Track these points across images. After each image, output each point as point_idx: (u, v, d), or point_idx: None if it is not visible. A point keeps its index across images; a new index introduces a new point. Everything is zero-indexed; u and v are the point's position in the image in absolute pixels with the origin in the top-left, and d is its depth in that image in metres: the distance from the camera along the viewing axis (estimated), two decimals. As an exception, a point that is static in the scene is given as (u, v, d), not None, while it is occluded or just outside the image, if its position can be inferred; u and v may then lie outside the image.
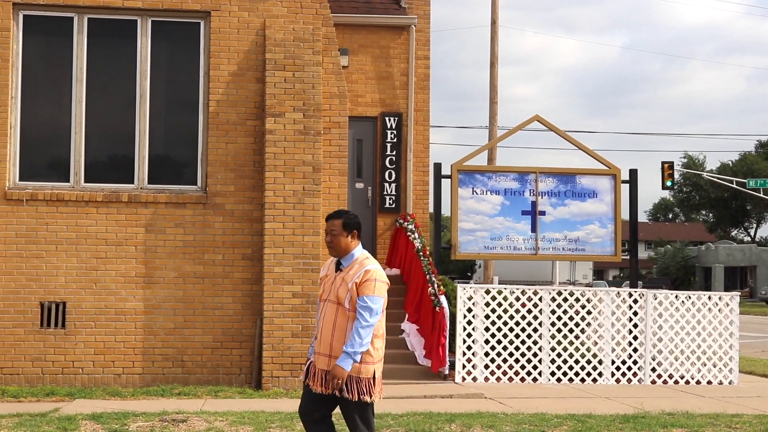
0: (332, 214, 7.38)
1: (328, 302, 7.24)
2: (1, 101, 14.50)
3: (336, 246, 7.26)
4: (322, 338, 7.18)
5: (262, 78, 14.95)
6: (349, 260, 7.25)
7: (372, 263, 7.20)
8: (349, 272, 7.16)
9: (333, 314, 7.15)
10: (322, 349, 7.18)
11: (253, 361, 14.74)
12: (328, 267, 7.44)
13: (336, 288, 7.18)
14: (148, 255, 14.66)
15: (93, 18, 14.85)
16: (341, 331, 7.09)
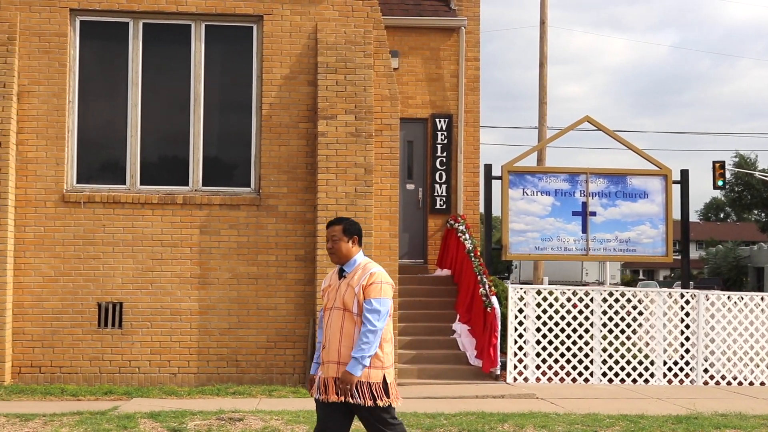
0: (332, 221, 7.33)
1: (333, 310, 7.10)
2: (60, 105, 14.78)
3: (337, 251, 7.17)
4: (330, 346, 7.03)
5: (314, 81, 15.10)
6: (352, 266, 7.17)
7: (376, 266, 7.15)
8: (354, 277, 7.08)
9: (339, 321, 7.01)
10: (330, 357, 7.02)
11: (306, 360, 14.89)
12: (331, 277, 7.33)
13: (341, 294, 7.06)
14: (203, 256, 14.87)
15: (148, 23, 15.09)
16: (349, 337, 6.96)
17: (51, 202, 14.73)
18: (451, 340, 16.76)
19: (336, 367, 6.95)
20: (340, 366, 6.93)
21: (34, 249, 14.68)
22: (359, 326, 6.92)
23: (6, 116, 14.42)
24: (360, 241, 7.25)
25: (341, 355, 6.95)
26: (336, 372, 6.93)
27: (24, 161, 14.68)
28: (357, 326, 6.94)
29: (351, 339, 6.93)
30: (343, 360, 6.92)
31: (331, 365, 6.99)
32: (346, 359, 6.91)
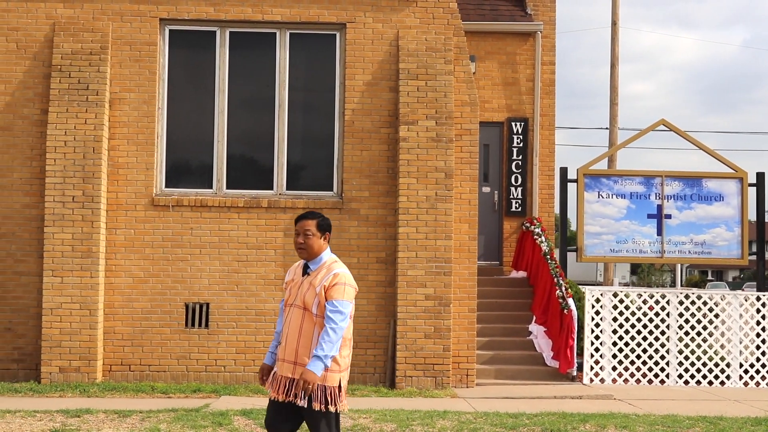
0: (304, 215, 7.08)
1: (294, 307, 6.95)
2: (149, 112, 15.28)
3: (309, 248, 6.98)
4: (287, 344, 6.88)
5: (395, 87, 15.45)
6: (318, 263, 6.99)
7: (340, 267, 6.96)
8: (317, 276, 6.90)
9: (299, 319, 6.87)
10: (286, 356, 6.87)
11: (386, 361, 15.25)
12: (294, 271, 7.16)
13: (303, 292, 6.91)
14: (287, 258, 15.27)
15: (234, 31, 15.54)
16: (307, 337, 6.81)
17: (141, 205, 15.23)
18: (527, 341, 17.01)
19: (292, 367, 6.81)
20: (296, 366, 6.79)
21: (125, 251, 15.20)
22: (319, 327, 6.79)
23: (99, 123, 14.94)
24: (329, 238, 7.11)
25: (298, 355, 6.80)
26: (291, 372, 6.80)
27: (115, 166, 15.20)
28: (316, 327, 6.80)
29: (309, 339, 6.79)
30: (299, 360, 6.78)
31: (286, 364, 6.86)
32: (302, 360, 6.76)
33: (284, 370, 6.85)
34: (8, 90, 15.21)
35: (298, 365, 6.76)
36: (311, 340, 6.78)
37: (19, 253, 15.15)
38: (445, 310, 15.02)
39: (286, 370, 6.84)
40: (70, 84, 15.03)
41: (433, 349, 14.99)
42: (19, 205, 15.15)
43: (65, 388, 14.15)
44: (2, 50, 15.22)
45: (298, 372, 6.74)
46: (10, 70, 15.24)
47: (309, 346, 6.78)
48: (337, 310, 6.75)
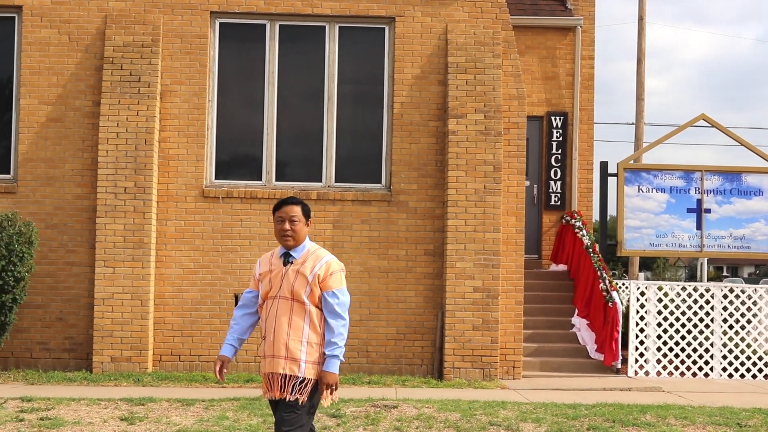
0: (287, 200, 6.73)
1: (278, 299, 6.54)
2: (200, 104, 15.39)
3: (296, 234, 6.62)
4: (276, 339, 6.49)
5: (443, 81, 15.54)
6: (301, 251, 6.64)
7: (327, 253, 6.68)
8: (305, 264, 6.55)
9: (287, 311, 6.50)
10: (277, 352, 6.49)
11: (434, 352, 15.36)
12: (270, 262, 6.74)
13: (290, 283, 6.52)
14: (336, 250, 15.37)
15: (284, 25, 15.64)
16: (298, 329, 6.47)
17: (191, 197, 15.35)
18: (570, 334, 17.11)
19: (284, 363, 6.46)
20: (288, 362, 6.45)
21: (175, 242, 15.32)
22: (310, 317, 6.47)
23: (150, 115, 15.06)
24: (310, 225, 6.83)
25: (289, 349, 6.45)
26: (283, 368, 6.45)
27: (166, 158, 15.32)
28: (307, 317, 6.48)
29: (300, 331, 6.46)
30: (291, 355, 6.44)
31: (278, 360, 6.49)
32: (294, 354, 6.44)
33: (274, 366, 6.50)
34: (60, 82, 15.33)
35: (290, 360, 6.43)
36: (302, 331, 6.45)
37: (71, 244, 15.28)
38: (493, 302, 15.12)
39: (276, 366, 6.49)
40: (122, 76, 15.14)
41: (481, 341, 15.09)
42: (71, 196, 15.28)
43: (119, 378, 14.28)
44: (54, 42, 15.34)
45: (291, 367, 6.42)
46: (62, 62, 15.35)
47: (300, 338, 6.44)
48: (340, 301, 6.50)
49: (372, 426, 10.59)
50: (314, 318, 6.51)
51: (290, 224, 6.61)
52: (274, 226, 6.67)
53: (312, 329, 6.51)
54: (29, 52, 15.34)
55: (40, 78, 15.33)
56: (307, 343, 6.48)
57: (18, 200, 15.20)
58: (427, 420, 10.91)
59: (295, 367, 6.46)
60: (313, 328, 6.51)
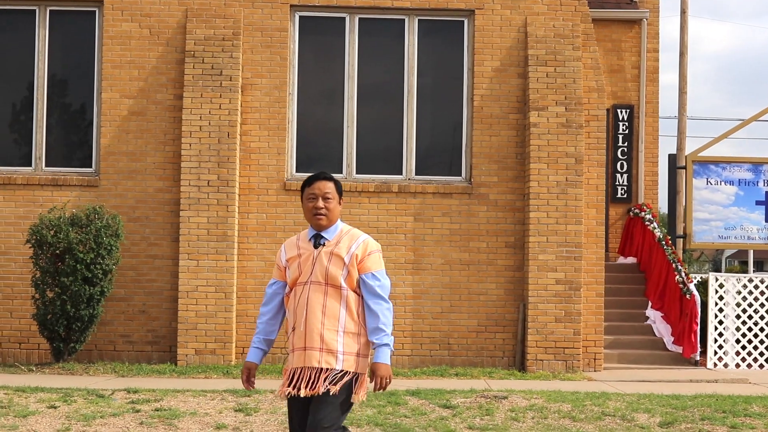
0: (320, 176, 6.11)
1: (309, 285, 5.91)
2: (280, 98, 15.42)
3: (330, 213, 5.99)
4: (307, 329, 5.85)
5: (523, 73, 15.54)
6: (334, 231, 6.02)
7: (362, 233, 6.11)
8: (339, 245, 5.93)
9: (320, 297, 5.88)
10: (308, 343, 5.85)
11: (516, 344, 15.37)
12: (297, 246, 6.09)
13: (324, 266, 5.89)
14: (417, 243, 15.41)
15: (363, 18, 15.66)
16: (333, 317, 5.87)
17: (273, 190, 15.37)
18: (645, 326, 17.10)
19: (319, 355, 5.82)
20: (324, 354, 5.81)
21: (257, 235, 15.34)
22: (347, 303, 5.88)
23: (233, 108, 15.10)
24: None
25: (325, 340, 5.82)
26: (318, 361, 5.80)
27: (247, 151, 15.35)
28: (343, 302, 5.88)
29: (336, 319, 5.85)
30: (327, 346, 5.82)
31: (311, 353, 5.84)
32: (331, 345, 5.82)
33: (308, 359, 5.82)
34: (142, 75, 15.36)
35: (326, 351, 5.80)
36: (338, 319, 5.85)
37: (153, 237, 15.32)
38: (575, 294, 15.13)
39: (310, 359, 5.82)
40: (204, 70, 15.17)
41: (563, 333, 15.11)
42: (153, 189, 15.32)
43: (206, 370, 14.32)
44: (136, 36, 15.38)
45: (327, 360, 5.79)
46: (144, 55, 15.39)
47: (336, 327, 5.83)
48: (382, 284, 5.91)
49: (488, 416, 10.62)
50: (351, 304, 5.90)
51: (324, 201, 5.97)
52: (304, 204, 6.01)
53: (349, 316, 5.89)
54: (110, 46, 15.37)
55: (121, 71, 15.37)
56: (344, 333, 5.86)
57: (100, 194, 15.24)
58: (540, 410, 10.93)
59: (332, 359, 5.81)
60: (351, 315, 5.90)
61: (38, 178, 15.28)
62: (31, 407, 10.75)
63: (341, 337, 5.85)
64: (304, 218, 6.06)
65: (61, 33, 15.59)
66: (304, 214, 6.02)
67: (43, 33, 15.47)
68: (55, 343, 14.39)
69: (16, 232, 15.16)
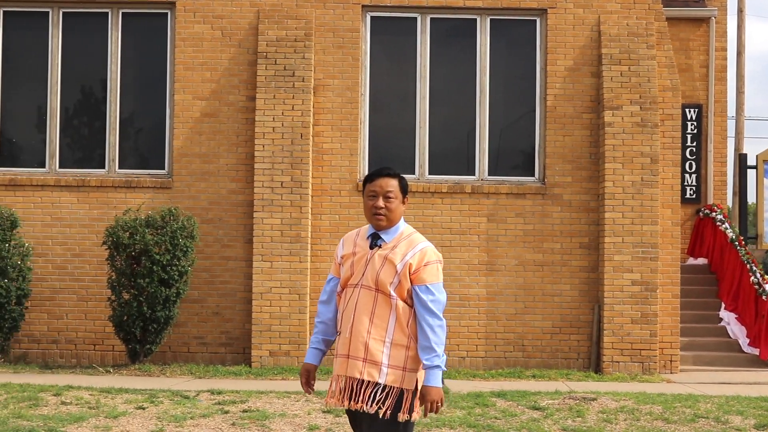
0: (383, 172, 5.65)
1: (359, 288, 5.50)
2: (353, 99, 15.37)
3: (390, 213, 5.53)
4: (352, 336, 5.46)
5: (596, 72, 15.40)
6: (394, 234, 5.56)
7: (424, 239, 5.61)
8: (395, 249, 5.48)
9: (369, 304, 5.47)
10: (352, 351, 5.46)
11: (591, 346, 15.23)
12: (355, 242, 5.66)
13: (376, 270, 5.47)
14: (490, 244, 15.31)
15: (435, 18, 15.59)
16: (380, 327, 5.44)
17: (345, 191, 15.32)
18: (719, 328, 16.89)
19: (362, 365, 5.42)
20: (366, 365, 5.41)
21: (330, 236, 15.29)
22: (396, 312, 5.45)
23: (306, 109, 15.07)
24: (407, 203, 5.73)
25: (369, 350, 5.42)
26: (360, 372, 5.42)
27: (320, 152, 15.31)
28: (393, 313, 5.45)
29: (383, 330, 5.44)
30: (370, 357, 5.41)
31: (354, 362, 5.46)
32: (375, 357, 5.41)
33: (350, 369, 5.46)
34: (214, 77, 15.37)
35: (369, 362, 5.40)
36: (385, 330, 5.43)
37: (226, 239, 15.31)
38: (651, 295, 14.97)
39: (352, 369, 5.45)
40: (276, 71, 15.15)
41: (639, 335, 14.94)
42: (226, 191, 15.32)
43: (282, 371, 14.29)
44: (208, 38, 15.39)
45: (369, 372, 5.41)
46: (216, 57, 15.39)
47: (383, 337, 5.41)
48: (436, 299, 5.43)
49: (579, 418, 10.51)
50: (401, 315, 5.45)
51: (384, 201, 5.51)
52: (365, 201, 5.60)
53: (398, 328, 5.46)
54: (183, 48, 15.39)
55: (193, 73, 15.38)
56: (391, 344, 5.45)
57: (173, 195, 15.25)
58: (631, 412, 10.81)
59: (374, 371, 5.42)
60: (400, 327, 5.46)
61: (112, 180, 15.32)
62: (120, 408, 10.77)
63: (387, 349, 5.44)
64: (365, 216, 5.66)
65: (134, 35, 15.63)
66: (364, 211, 5.65)
67: (115, 35, 15.52)
68: (131, 344, 14.42)
69: (90, 234, 15.21)
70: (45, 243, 15.22)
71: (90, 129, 15.72)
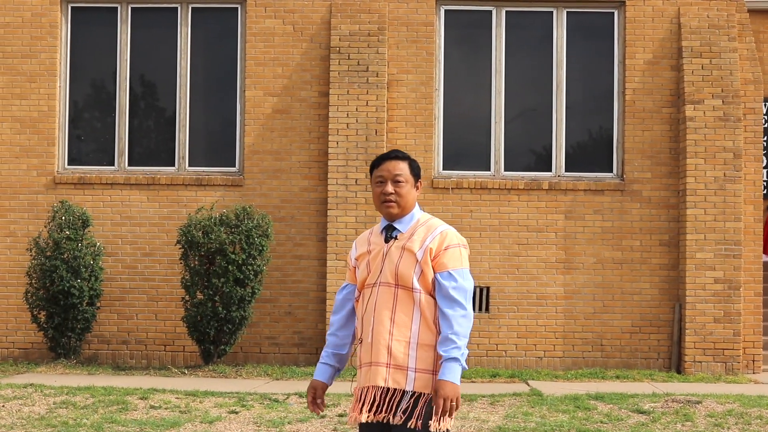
0: (390, 155, 5.12)
1: (378, 286, 4.92)
2: (427, 94, 15.07)
3: (401, 200, 4.99)
4: (374, 340, 4.86)
5: (676, 66, 15.05)
6: (409, 222, 5.02)
7: (442, 223, 5.08)
8: (413, 237, 4.94)
9: (389, 302, 4.87)
10: (374, 357, 4.85)
11: (671, 345, 14.88)
12: (368, 241, 5.12)
13: (394, 263, 4.90)
14: (568, 241, 14.99)
15: (510, 11, 15.27)
16: (404, 325, 4.84)
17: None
18: (799, 327, 16.50)
19: (385, 372, 4.81)
20: (391, 371, 4.81)
21: (404, 234, 14.97)
22: (420, 307, 4.85)
23: (380, 104, 14.79)
24: (421, 187, 5.18)
25: (392, 353, 4.81)
26: (385, 379, 4.80)
27: (393, 148, 14.97)
28: (417, 308, 4.86)
29: (407, 328, 4.83)
30: (395, 361, 4.80)
31: (377, 369, 4.83)
32: (400, 360, 4.80)
33: (373, 377, 4.84)
34: (285, 73, 15.10)
35: (393, 368, 4.80)
36: (409, 329, 4.82)
37: (299, 237, 15.04)
38: (735, 294, 14.62)
39: (375, 376, 4.82)
40: (350, 66, 14.87)
41: (722, 334, 14.60)
42: (298, 188, 15.05)
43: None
44: (279, 33, 15.11)
45: (395, 378, 4.80)
46: (287, 52, 15.12)
47: (407, 337, 4.81)
48: (459, 285, 4.83)
49: (689, 422, 10.19)
50: (426, 310, 4.86)
51: (393, 186, 4.97)
52: (373, 189, 5.08)
53: (424, 325, 4.86)
54: (254, 43, 15.12)
55: (265, 69, 15.11)
56: (417, 345, 4.84)
57: (244, 193, 14.99)
58: (740, 416, 10.47)
59: (400, 377, 4.81)
60: (426, 324, 4.87)
61: (182, 177, 15.07)
62: (212, 412, 10.52)
63: (413, 351, 4.82)
64: (376, 209, 5.19)
65: (203, 30, 15.38)
66: (373, 201, 5.13)
67: (185, 31, 15.27)
68: (205, 345, 14.16)
69: (160, 233, 14.98)
70: (115, 242, 14.99)
71: (159, 126, 15.49)
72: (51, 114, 15.13)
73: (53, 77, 15.16)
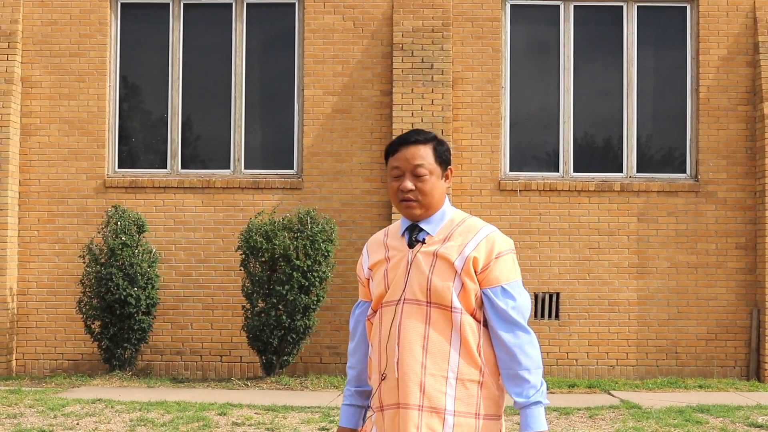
0: (409, 138, 3.94)
1: (402, 305, 3.80)
2: (493, 92, 14.49)
3: (425, 197, 3.86)
4: (401, 375, 3.75)
5: (752, 62, 14.49)
6: (439, 222, 3.89)
7: (483, 222, 3.99)
8: (448, 242, 3.82)
9: (420, 325, 3.77)
10: (402, 397, 3.75)
11: (749, 353, 14.31)
12: (385, 245, 3.96)
13: (424, 273, 3.79)
14: (641, 245, 14.41)
15: (579, 6, 14.70)
16: (440, 356, 3.75)
17: (486, 190, 14.44)
18: None
19: (417, 416, 3.71)
20: (423, 414, 3.71)
21: (470, 238, 14.39)
22: (462, 335, 3.78)
23: (446, 103, 14.20)
24: (451, 177, 4.03)
25: (426, 392, 3.72)
26: (418, 426, 3.69)
27: (458, 149, 14.43)
28: (458, 335, 3.78)
29: (444, 361, 3.74)
30: (429, 403, 3.72)
31: (406, 412, 3.73)
32: (437, 401, 3.72)
33: (403, 424, 3.73)
34: (346, 71, 14.49)
35: (427, 411, 3.71)
36: (447, 360, 3.74)
37: (361, 242, 14.37)
38: (818, 298, 14.06)
39: (403, 424, 3.72)
40: (414, 63, 14.27)
41: (805, 341, 14.04)
42: (359, 191, 14.44)
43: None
44: (339, 29, 14.51)
45: (429, 425, 3.71)
46: (348, 50, 14.52)
47: (444, 371, 3.74)
48: (519, 304, 3.79)
49: (814, 438, 9.60)
50: (468, 335, 3.78)
51: (413, 179, 3.84)
52: (389, 183, 3.98)
53: (466, 355, 3.79)
54: (312, 40, 14.51)
55: (324, 67, 14.50)
56: (456, 381, 3.76)
57: (303, 196, 14.38)
58: None
59: (437, 423, 3.72)
60: (468, 354, 3.79)
61: (238, 181, 14.45)
62: (302, 429, 9.90)
63: (452, 389, 3.75)
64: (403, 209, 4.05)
65: (259, 27, 14.75)
66: (390, 195, 4.01)
67: (240, 27, 14.65)
68: (267, 355, 13.53)
69: (216, 239, 14.35)
70: (168, 248, 14.35)
71: (213, 127, 14.87)
72: (101, 115, 14.49)
73: (103, 76, 14.52)
